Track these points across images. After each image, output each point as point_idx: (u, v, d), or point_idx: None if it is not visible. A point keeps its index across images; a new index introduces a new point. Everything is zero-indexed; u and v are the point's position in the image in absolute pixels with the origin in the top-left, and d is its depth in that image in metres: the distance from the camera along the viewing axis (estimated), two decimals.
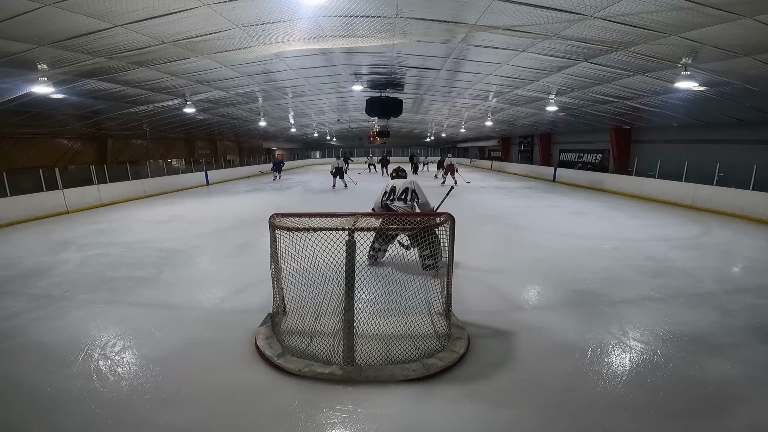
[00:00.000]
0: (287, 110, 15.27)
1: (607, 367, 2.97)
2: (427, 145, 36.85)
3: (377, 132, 21.30)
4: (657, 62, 6.19)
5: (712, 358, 3.05)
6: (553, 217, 9.34)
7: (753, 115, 9.36)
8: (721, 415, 2.42)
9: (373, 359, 2.89)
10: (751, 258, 5.99)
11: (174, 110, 11.65)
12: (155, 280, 4.99)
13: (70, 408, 2.49)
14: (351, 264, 2.81)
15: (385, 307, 3.30)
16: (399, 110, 10.70)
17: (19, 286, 4.78)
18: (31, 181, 10.33)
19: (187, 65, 6.99)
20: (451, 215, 3.35)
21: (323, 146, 36.76)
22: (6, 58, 5.48)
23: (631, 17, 4.56)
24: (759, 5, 3.93)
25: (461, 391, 2.66)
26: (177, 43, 5.67)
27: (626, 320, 3.72)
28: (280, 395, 2.63)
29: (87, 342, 3.33)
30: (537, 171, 20.72)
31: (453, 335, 3.25)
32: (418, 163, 24.26)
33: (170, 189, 15.63)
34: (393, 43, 6.35)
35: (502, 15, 4.88)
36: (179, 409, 2.49)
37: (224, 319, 3.85)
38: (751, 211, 8.87)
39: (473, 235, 7.18)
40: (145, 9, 4.39)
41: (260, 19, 5.05)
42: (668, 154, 12.91)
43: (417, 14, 5.10)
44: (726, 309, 3.98)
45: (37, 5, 4.03)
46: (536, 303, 4.27)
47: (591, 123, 14.45)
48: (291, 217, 3.29)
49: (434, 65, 8.25)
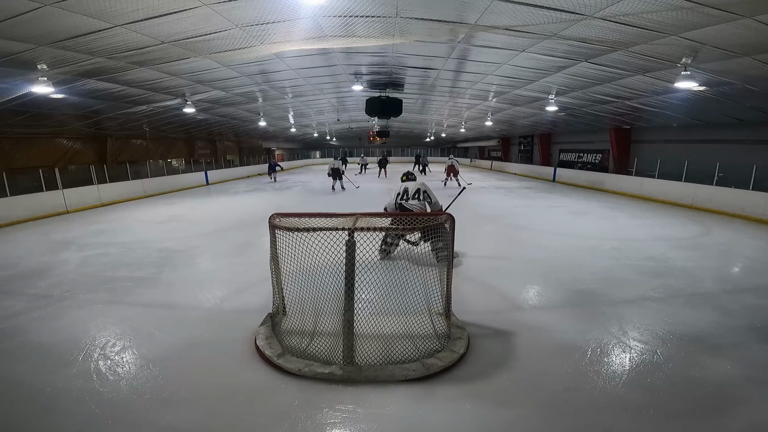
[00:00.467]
0: (287, 110, 15.26)
1: (607, 367, 2.97)
2: (427, 145, 36.84)
3: (377, 132, 21.31)
4: (657, 62, 6.19)
5: (712, 358, 3.05)
6: (553, 217, 9.34)
7: (753, 115, 9.36)
8: (721, 415, 2.42)
9: (373, 359, 2.89)
10: (751, 258, 5.99)
11: (174, 110, 11.65)
12: (155, 280, 4.99)
13: (70, 408, 2.49)
14: (351, 264, 2.81)
15: (385, 307, 3.31)
16: (399, 110, 10.70)
17: (19, 286, 4.78)
18: (31, 181, 10.33)
19: (187, 65, 6.99)
20: (451, 215, 3.35)
21: (323, 146, 36.75)
22: (6, 58, 5.48)
23: (631, 17, 4.56)
24: (759, 5, 3.93)
25: (461, 391, 2.66)
26: (177, 43, 5.67)
27: (626, 320, 3.72)
28: (280, 395, 2.63)
29: (87, 342, 3.33)
30: (537, 171, 20.71)
31: (453, 335, 3.25)
32: (426, 163, 22.79)
33: (170, 189, 15.62)
34: (393, 43, 6.35)
35: (502, 15, 4.88)
36: (179, 409, 2.49)
37: (224, 319, 3.85)
38: (751, 211, 8.87)
39: (473, 234, 7.18)
40: (145, 9, 4.39)
41: (260, 19, 5.05)
42: (668, 154, 12.91)
43: (417, 14, 5.10)
44: (726, 309, 3.98)
45: (37, 5, 4.03)
46: (536, 303, 4.27)
47: (591, 123, 14.45)
48: (291, 217, 3.30)
49: (434, 65, 8.25)
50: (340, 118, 18.51)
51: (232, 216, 9.60)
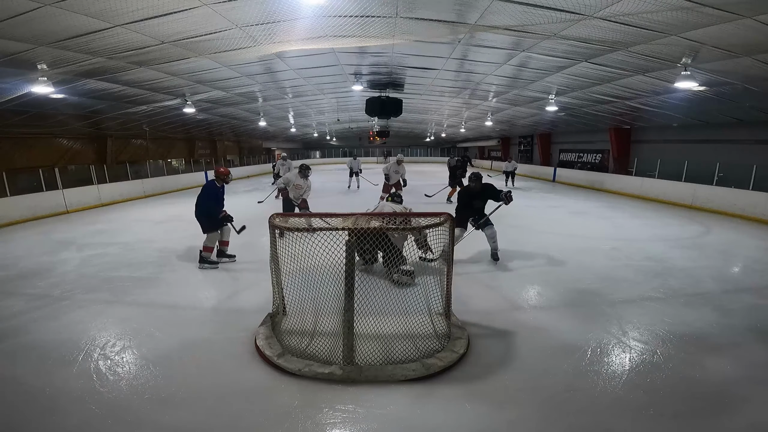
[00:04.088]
0: (287, 110, 15.26)
1: (607, 367, 2.97)
2: (427, 145, 36.82)
3: (377, 132, 21.28)
4: (657, 62, 6.19)
5: (712, 358, 3.05)
6: (553, 217, 9.34)
7: (753, 115, 9.36)
8: (721, 415, 2.42)
9: (373, 359, 2.89)
10: (751, 258, 5.99)
11: (174, 110, 11.65)
12: (155, 280, 4.99)
13: (70, 408, 2.49)
14: (351, 264, 2.81)
15: (385, 307, 3.30)
16: (399, 110, 10.70)
17: (19, 286, 4.78)
18: (31, 181, 10.32)
19: (187, 65, 6.98)
20: (451, 215, 3.35)
21: (323, 146, 36.73)
22: (6, 58, 5.48)
23: (631, 17, 4.56)
24: (759, 5, 3.93)
25: (461, 391, 2.66)
26: (177, 43, 5.66)
27: (626, 320, 3.72)
28: (280, 395, 2.63)
29: (87, 342, 3.33)
30: (537, 171, 20.71)
31: (453, 335, 3.25)
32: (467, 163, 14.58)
33: (170, 189, 15.62)
34: (393, 43, 6.35)
35: (502, 15, 4.88)
36: (179, 409, 2.49)
37: (224, 319, 3.86)
38: (750, 211, 8.87)
39: (473, 234, 7.18)
40: (145, 9, 4.38)
41: (260, 19, 5.05)
42: (668, 154, 12.91)
43: (417, 14, 5.10)
44: (726, 309, 3.98)
45: (37, 5, 4.03)
46: (536, 303, 4.27)
47: (591, 123, 14.45)
48: (291, 217, 3.30)
49: (434, 65, 8.25)
50: (340, 118, 18.50)
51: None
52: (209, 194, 5.43)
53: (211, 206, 5.38)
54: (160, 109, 11.24)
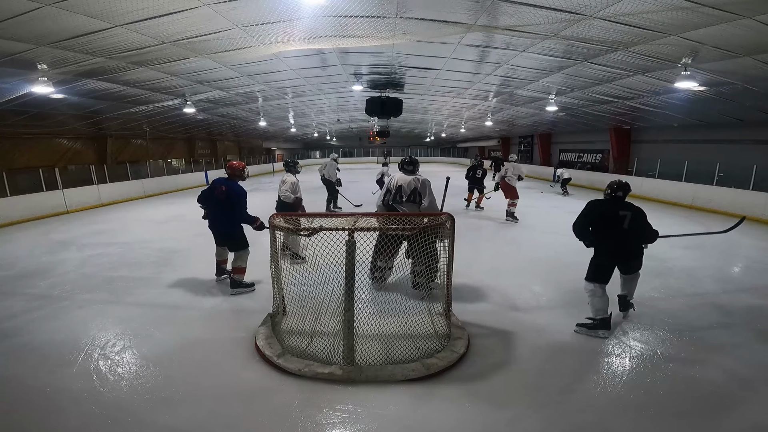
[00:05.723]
0: (287, 110, 15.26)
1: (607, 367, 2.97)
2: (427, 145, 36.83)
3: (377, 132, 21.27)
4: (657, 62, 6.19)
5: (712, 358, 3.05)
6: (553, 217, 9.34)
7: (753, 115, 9.36)
8: (721, 415, 2.42)
9: (373, 359, 2.89)
10: (751, 258, 5.99)
11: (174, 110, 11.65)
12: (155, 280, 4.99)
13: (70, 408, 2.49)
14: (351, 264, 2.81)
15: (385, 307, 3.30)
16: (399, 110, 10.70)
17: (19, 286, 4.78)
18: (31, 181, 10.33)
19: (187, 65, 6.98)
20: (452, 215, 3.35)
21: (323, 146, 36.75)
22: (6, 58, 5.48)
23: (631, 17, 4.56)
24: (759, 5, 3.93)
25: (461, 391, 2.66)
26: (177, 43, 5.66)
27: (626, 320, 3.72)
28: (280, 395, 2.63)
29: (87, 342, 3.33)
30: (537, 171, 20.70)
31: (453, 335, 3.25)
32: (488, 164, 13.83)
33: (170, 189, 15.62)
34: (393, 43, 6.35)
35: (502, 15, 4.88)
36: (179, 409, 2.49)
37: (224, 319, 3.86)
38: (751, 211, 8.86)
39: (473, 234, 7.18)
40: (145, 9, 4.38)
41: (260, 19, 5.05)
42: (668, 154, 12.92)
43: (417, 14, 5.09)
44: (726, 309, 3.98)
45: (37, 5, 4.03)
46: (536, 303, 4.27)
47: (591, 123, 14.44)
48: (291, 217, 3.30)
49: (434, 65, 8.25)
50: (340, 118, 18.51)
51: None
52: (242, 199, 4.31)
53: (244, 215, 4.27)
54: (160, 109, 11.24)
